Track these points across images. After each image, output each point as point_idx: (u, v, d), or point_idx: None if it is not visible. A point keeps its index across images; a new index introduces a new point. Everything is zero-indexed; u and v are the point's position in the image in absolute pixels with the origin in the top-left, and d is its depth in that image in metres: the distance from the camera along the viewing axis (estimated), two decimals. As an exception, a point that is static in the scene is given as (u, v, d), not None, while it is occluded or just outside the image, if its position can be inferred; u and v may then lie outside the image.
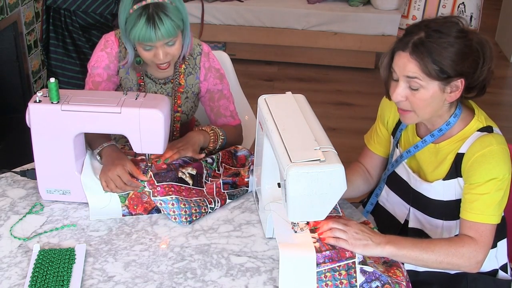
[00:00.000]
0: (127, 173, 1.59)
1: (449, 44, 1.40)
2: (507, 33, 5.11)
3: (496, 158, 1.46)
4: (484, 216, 1.45)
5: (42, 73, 3.63)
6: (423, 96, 1.44)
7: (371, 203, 1.79)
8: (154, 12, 1.63)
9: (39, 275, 1.35)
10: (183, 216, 1.55)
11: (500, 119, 3.85)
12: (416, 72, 1.42)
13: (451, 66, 1.40)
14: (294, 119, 1.44)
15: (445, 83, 1.43)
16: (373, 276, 1.35)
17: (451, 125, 1.52)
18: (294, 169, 1.26)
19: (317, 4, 4.62)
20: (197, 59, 1.91)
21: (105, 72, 1.85)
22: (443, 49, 1.40)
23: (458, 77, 1.42)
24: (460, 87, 1.44)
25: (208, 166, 1.71)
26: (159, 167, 1.64)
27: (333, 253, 1.38)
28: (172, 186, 1.60)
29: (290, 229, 1.44)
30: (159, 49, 1.70)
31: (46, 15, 3.37)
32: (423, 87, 1.43)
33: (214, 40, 4.63)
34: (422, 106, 1.46)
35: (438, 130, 1.54)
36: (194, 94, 1.96)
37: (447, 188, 1.55)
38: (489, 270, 1.62)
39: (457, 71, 1.41)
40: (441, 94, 1.45)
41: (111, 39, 1.87)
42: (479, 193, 1.46)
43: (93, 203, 1.59)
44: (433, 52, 1.40)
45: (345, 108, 4.15)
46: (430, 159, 1.58)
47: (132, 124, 1.54)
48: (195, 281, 1.38)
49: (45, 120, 1.54)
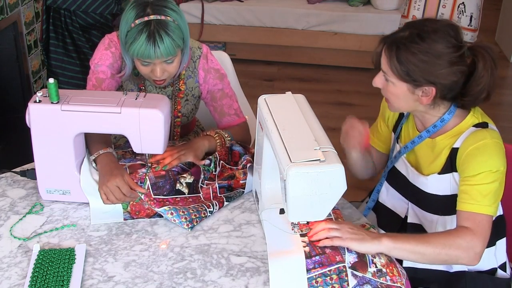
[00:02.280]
0: (127, 184, 1.56)
1: (419, 51, 1.41)
2: (507, 33, 5.11)
3: (489, 151, 1.46)
4: (480, 206, 1.44)
5: (42, 73, 3.63)
6: (392, 90, 1.50)
7: (372, 200, 1.80)
8: (155, 29, 1.62)
9: (39, 275, 1.35)
10: (184, 223, 1.54)
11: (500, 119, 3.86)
12: (386, 68, 1.48)
13: (417, 72, 1.43)
14: (294, 119, 1.44)
15: (414, 86, 1.46)
16: (364, 280, 1.35)
17: (445, 121, 1.54)
18: (294, 169, 1.26)
19: (317, 4, 4.62)
20: (196, 63, 1.90)
21: (109, 70, 1.83)
22: (411, 54, 1.42)
23: (427, 84, 1.44)
24: (431, 94, 1.46)
25: (206, 169, 1.70)
26: (158, 173, 1.63)
27: (323, 258, 1.37)
28: (168, 200, 1.60)
29: (282, 237, 1.46)
30: (157, 66, 1.69)
31: (46, 15, 3.37)
32: (392, 83, 1.49)
33: (214, 40, 4.63)
34: (394, 99, 1.53)
35: (433, 126, 1.56)
36: (194, 97, 1.96)
37: (442, 182, 1.56)
38: (488, 269, 1.62)
39: (425, 78, 1.43)
40: (411, 95, 1.48)
41: (115, 40, 1.86)
42: (474, 183, 1.46)
43: (94, 208, 1.58)
44: (401, 54, 1.43)
45: (345, 108, 4.15)
46: (427, 153, 1.60)
47: (132, 124, 1.54)
48: (195, 281, 1.38)
49: (45, 120, 1.54)
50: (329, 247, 1.40)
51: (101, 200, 1.58)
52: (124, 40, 1.69)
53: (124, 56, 1.77)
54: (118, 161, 1.67)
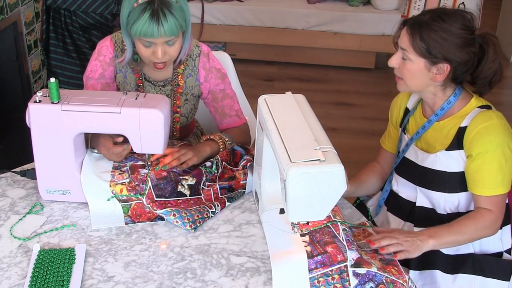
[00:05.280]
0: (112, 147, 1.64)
1: (441, 29, 1.55)
2: (507, 33, 5.11)
3: (497, 130, 1.58)
4: (496, 189, 1.59)
5: (42, 73, 3.63)
6: (410, 67, 1.61)
7: (386, 190, 1.87)
8: (159, 7, 1.63)
9: (39, 275, 1.35)
10: (187, 224, 1.54)
11: (500, 119, 3.85)
12: (406, 45, 1.59)
13: (437, 48, 1.55)
14: (294, 119, 1.44)
15: (431, 63, 1.58)
16: (366, 278, 1.35)
17: (451, 103, 1.65)
18: (294, 169, 1.26)
19: (317, 4, 4.62)
20: (196, 61, 1.90)
21: (98, 83, 1.85)
22: (433, 32, 1.55)
23: (444, 61, 1.57)
24: (445, 71, 1.58)
25: (208, 171, 1.70)
26: (159, 175, 1.63)
27: (324, 258, 1.38)
28: (169, 202, 1.60)
29: (283, 238, 1.46)
30: (159, 46, 1.70)
31: (46, 15, 3.37)
32: (410, 60, 1.60)
33: (214, 40, 4.62)
34: (409, 77, 1.63)
35: (441, 109, 1.66)
36: (194, 96, 1.95)
37: (450, 158, 1.64)
38: (494, 252, 1.70)
39: (443, 55, 1.56)
40: (427, 72, 1.60)
41: (106, 44, 1.86)
42: (484, 162, 1.57)
43: (94, 212, 1.58)
44: (423, 32, 1.56)
45: (345, 108, 4.15)
46: (435, 136, 1.69)
47: (132, 124, 1.54)
48: (195, 281, 1.38)
49: (45, 120, 1.54)
50: (331, 246, 1.41)
51: (100, 202, 1.58)
52: (125, 22, 1.70)
53: (124, 39, 1.77)
54: (118, 162, 1.68)
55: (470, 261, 1.66)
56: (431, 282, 1.68)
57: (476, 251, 1.69)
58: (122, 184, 1.61)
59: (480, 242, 1.68)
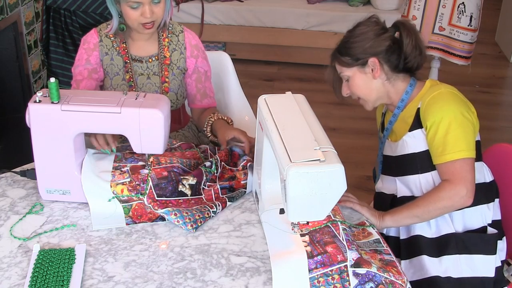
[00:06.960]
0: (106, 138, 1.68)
1: (351, 36, 1.72)
2: (507, 33, 5.11)
3: (445, 98, 1.64)
4: (451, 154, 1.59)
5: (42, 73, 3.63)
6: (353, 83, 1.74)
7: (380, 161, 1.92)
8: None
9: (39, 275, 1.35)
10: (188, 224, 1.54)
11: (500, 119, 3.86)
12: (339, 69, 1.77)
13: (356, 50, 1.70)
14: (294, 119, 1.44)
15: (361, 65, 1.71)
16: (366, 278, 1.35)
17: (409, 93, 1.73)
18: (294, 169, 1.26)
19: (317, 4, 4.62)
20: (179, 36, 1.98)
21: (85, 70, 1.91)
22: (346, 42, 1.73)
23: (369, 57, 1.69)
24: (376, 64, 1.69)
25: (208, 171, 1.70)
26: (160, 175, 1.64)
27: (324, 258, 1.38)
28: (170, 202, 1.60)
29: (283, 238, 1.46)
30: (146, 6, 1.80)
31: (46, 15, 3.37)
32: (350, 77, 1.74)
33: (214, 40, 4.63)
34: (360, 92, 1.75)
35: (401, 101, 1.74)
36: (180, 69, 2.00)
37: (415, 139, 1.69)
38: (478, 227, 1.70)
39: (364, 52, 1.69)
40: (365, 75, 1.72)
41: (90, 33, 1.96)
42: (439, 132, 1.60)
43: (95, 212, 1.58)
44: (341, 49, 1.74)
45: (345, 108, 4.14)
46: (401, 125, 1.75)
47: (132, 124, 1.54)
48: (195, 281, 1.39)
49: (45, 120, 1.54)
50: (331, 246, 1.41)
51: (101, 202, 1.58)
52: None
53: (111, 9, 1.87)
54: (119, 162, 1.68)
55: (453, 241, 1.66)
56: (420, 268, 1.68)
57: (458, 230, 1.68)
58: (123, 184, 1.61)
59: (463, 220, 1.68)
